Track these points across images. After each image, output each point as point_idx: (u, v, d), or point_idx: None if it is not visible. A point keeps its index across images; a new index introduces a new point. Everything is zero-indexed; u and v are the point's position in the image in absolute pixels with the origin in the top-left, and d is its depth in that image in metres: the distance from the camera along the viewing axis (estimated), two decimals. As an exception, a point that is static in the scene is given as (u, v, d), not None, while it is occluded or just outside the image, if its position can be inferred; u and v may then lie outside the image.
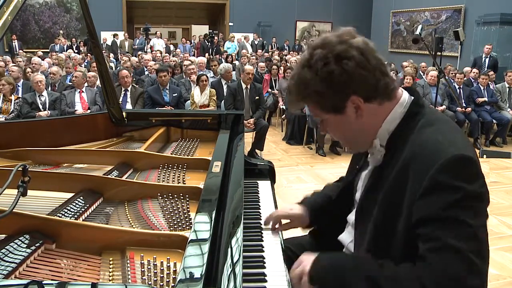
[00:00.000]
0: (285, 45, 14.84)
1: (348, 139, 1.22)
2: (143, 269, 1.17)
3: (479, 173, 1.02)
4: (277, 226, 1.53)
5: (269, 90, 7.74)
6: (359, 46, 1.07)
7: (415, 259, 1.02)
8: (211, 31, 12.69)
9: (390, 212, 1.10)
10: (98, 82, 5.70)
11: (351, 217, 1.33)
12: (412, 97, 1.17)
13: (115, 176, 1.74)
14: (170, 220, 1.42)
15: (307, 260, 1.18)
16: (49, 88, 6.19)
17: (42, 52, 11.21)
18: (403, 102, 1.15)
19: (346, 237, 1.36)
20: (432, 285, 0.97)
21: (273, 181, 2.10)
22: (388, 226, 1.10)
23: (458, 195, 0.98)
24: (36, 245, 1.22)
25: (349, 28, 1.12)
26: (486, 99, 6.72)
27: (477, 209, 0.99)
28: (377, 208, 1.14)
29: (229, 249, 1.15)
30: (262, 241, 1.48)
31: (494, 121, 6.59)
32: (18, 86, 6.09)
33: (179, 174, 1.82)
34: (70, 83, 6.40)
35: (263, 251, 1.41)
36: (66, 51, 11.79)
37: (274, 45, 14.77)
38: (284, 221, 1.55)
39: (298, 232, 1.62)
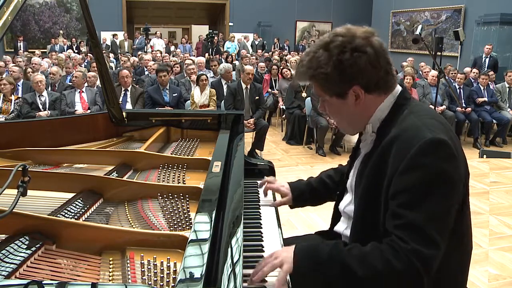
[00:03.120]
0: (285, 45, 14.84)
1: (344, 122, 1.32)
2: (143, 269, 1.17)
3: (453, 154, 1.11)
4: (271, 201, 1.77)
5: (269, 90, 7.74)
6: (375, 45, 1.17)
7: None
8: (211, 31, 12.68)
9: (372, 190, 1.21)
10: (98, 82, 5.70)
11: (342, 206, 1.44)
12: (401, 88, 1.27)
13: (115, 176, 1.74)
14: (170, 220, 1.42)
15: (285, 251, 1.23)
16: (49, 88, 6.19)
17: (40, 52, 11.21)
18: (395, 93, 1.25)
19: (341, 226, 1.46)
20: (393, 259, 1.08)
21: (273, 181, 2.10)
22: (371, 203, 1.21)
23: (429, 176, 1.08)
24: (37, 245, 1.22)
25: (373, 28, 1.21)
26: (486, 99, 6.72)
27: (446, 189, 1.10)
28: (362, 187, 1.26)
29: (229, 249, 1.15)
30: (262, 241, 1.48)
31: (494, 121, 6.59)
32: (18, 86, 6.09)
33: (179, 174, 1.82)
34: (70, 83, 6.39)
35: (263, 251, 1.42)
36: (66, 51, 11.80)
37: (276, 45, 14.77)
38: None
39: (298, 232, 1.63)
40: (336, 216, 1.51)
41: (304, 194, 1.68)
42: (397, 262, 1.08)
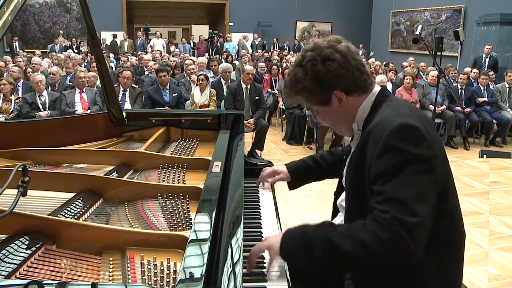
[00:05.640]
0: (285, 45, 14.83)
1: (334, 124, 1.43)
2: (143, 269, 1.17)
3: (423, 137, 1.18)
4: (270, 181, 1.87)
5: (269, 90, 7.74)
6: (342, 50, 1.28)
7: None
8: (211, 31, 12.66)
9: (357, 180, 1.29)
10: (98, 82, 5.70)
11: (339, 200, 1.52)
12: (380, 88, 1.37)
13: (115, 176, 1.74)
14: (170, 220, 1.42)
15: (275, 236, 1.28)
16: (49, 88, 6.19)
17: (40, 52, 11.20)
18: (375, 92, 1.35)
19: (338, 219, 1.53)
20: (377, 229, 1.12)
21: (273, 181, 2.10)
22: (358, 192, 1.30)
23: (403, 156, 1.16)
24: (37, 246, 1.22)
25: (337, 36, 1.33)
26: (486, 99, 6.72)
27: (420, 166, 1.16)
28: (348, 179, 1.36)
29: (229, 249, 1.16)
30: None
31: (494, 121, 6.59)
32: (18, 86, 6.08)
33: (179, 174, 1.82)
34: (70, 83, 6.39)
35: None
36: (66, 51, 11.79)
37: (276, 45, 14.76)
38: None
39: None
40: (335, 212, 1.57)
41: (301, 174, 1.81)
42: (381, 232, 1.11)
